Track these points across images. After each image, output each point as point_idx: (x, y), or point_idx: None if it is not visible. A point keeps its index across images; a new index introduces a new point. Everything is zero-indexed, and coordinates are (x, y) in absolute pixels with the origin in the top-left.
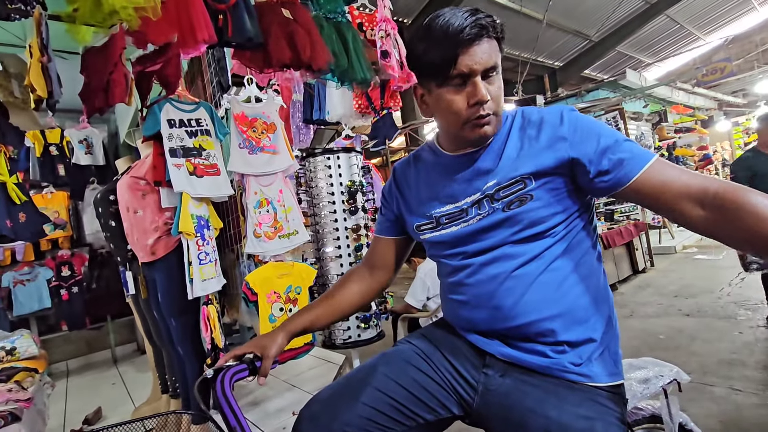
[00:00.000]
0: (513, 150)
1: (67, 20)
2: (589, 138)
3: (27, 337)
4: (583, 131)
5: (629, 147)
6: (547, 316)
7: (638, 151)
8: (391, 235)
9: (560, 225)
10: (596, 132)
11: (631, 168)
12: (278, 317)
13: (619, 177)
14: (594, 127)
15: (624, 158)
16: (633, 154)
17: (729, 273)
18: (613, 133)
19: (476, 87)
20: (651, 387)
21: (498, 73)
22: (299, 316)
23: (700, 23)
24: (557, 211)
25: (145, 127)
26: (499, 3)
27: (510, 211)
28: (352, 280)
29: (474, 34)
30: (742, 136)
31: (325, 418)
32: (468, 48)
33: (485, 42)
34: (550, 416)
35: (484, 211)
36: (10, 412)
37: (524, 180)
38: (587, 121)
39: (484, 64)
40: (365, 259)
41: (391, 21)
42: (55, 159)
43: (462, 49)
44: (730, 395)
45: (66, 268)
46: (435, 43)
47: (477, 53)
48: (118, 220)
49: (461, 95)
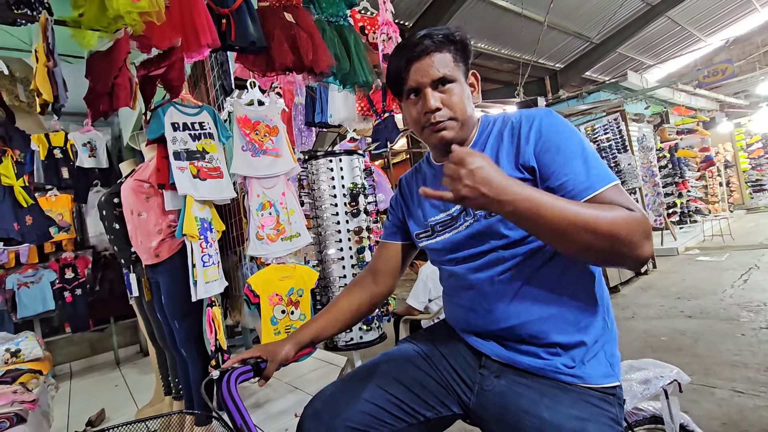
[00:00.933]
0: (490, 155)
1: (72, 25)
2: (548, 150)
3: (31, 339)
4: (546, 141)
5: (580, 171)
6: (537, 319)
7: (584, 179)
8: (397, 240)
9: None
10: (556, 145)
11: (572, 197)
12: (280, 319)
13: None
14: (557, 138)
15: (565, 183)
16: (577, 183)
17: (731, 275)
18: (572, 151)
19: (424, 98)
20: (651, 388)
21: (454, 81)
22: (307, 327)
23: (702, 25)
24: None
25: (149, 130)
26: (500, 5)
27: (491, 218)
28: (357, 289)
29: (420, 51)
30: (744, 138)
31: (327, 415)
32: (414, 64)
33: (433, 56)
34: (544, 417)
35: (469, 218)
36: (15, 414)
37: None
38: (555, 130)
39: (431, 77)
40: (369, 266)
41: (392, 24)
42: (59, 162)
43: (410, 66)
44: (733, 397)
45: (69, 271)
46: (392, 65)
47: (423, 67)
48: (122, 222)
49: (417, 107)
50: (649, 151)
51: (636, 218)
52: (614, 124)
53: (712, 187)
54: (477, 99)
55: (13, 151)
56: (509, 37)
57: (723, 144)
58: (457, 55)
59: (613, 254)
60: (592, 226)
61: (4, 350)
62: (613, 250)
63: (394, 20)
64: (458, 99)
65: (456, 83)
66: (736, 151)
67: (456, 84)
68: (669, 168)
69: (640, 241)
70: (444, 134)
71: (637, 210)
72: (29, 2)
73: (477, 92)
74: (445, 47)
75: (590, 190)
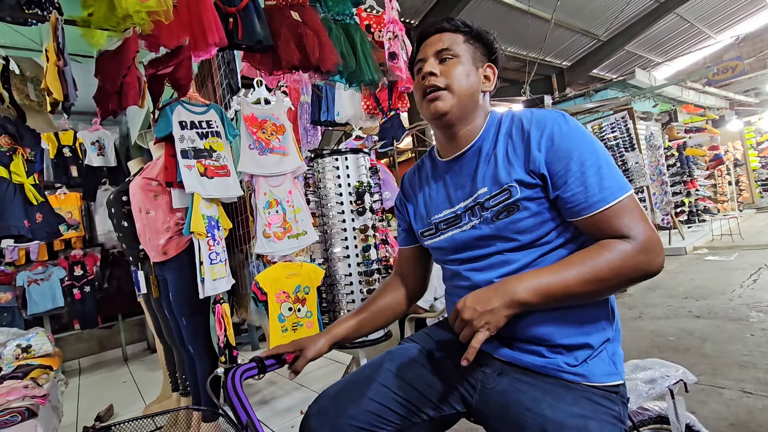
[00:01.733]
0: (500, 155)
1: (82, 25)
2: (561, 159)
3: (42, 335)
4: (558, 149)
5: (592, 183)
6: (542, 321)
7: (596, 191)
8: (411, 245)
9: (552, 233)
10: (568, 154)
11: (581, 209)
12: (287, 317)
13: (570, 212)
14: (570, 147)
15: (577, 194)
16: (588, 195)
17: (740, 274)
18: (586, 159)
19: (424, 62)
20: (657, 387)
21: (457, 57)
22: (343, 323)
23: (711, 21)
24: (546, 219)
25: (157, 128)
26: (506, 3)
27: (498, 221)
28: (391, 289)
29: (433, 30)
30: (754, 136)
31: (332, 413)
32: (426, 40)
33: (444, 35)
34: (546, 415)
35: (475, 219)
36: (27, 408)
37: (510, 189)
38: (567, 138)
39: (435, 48)
40: (395, 271)
41: (398, 22)
42: (68, 160)
43: (421, 43)
44: (741, 398)
45: (78, 268)
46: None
47: (431, 42)
48: (131, 220)
49: (419, 75)
50: (657, 149)
51: (636, 248)
52: (622, 122)
53: (721, 186)
54: (488, 88)
55: (24, 149)
56: (515, 35)
57: (732, 142)
58: (470, 39)
59: (629, 283)
60: (598, 278)
61: (15, 346)
62: (628, 281)
63: (400, 18)
64: (458, 73)
65: (460, 59)
66: (745, 150)
67: (459, 59)
68: (677, 166)
69: (648, 263)
70: (437, 105)
71: (639, 232)
72: (40, 2)
73: (491, 84)
74: (459, 30)
75: (602, 203)
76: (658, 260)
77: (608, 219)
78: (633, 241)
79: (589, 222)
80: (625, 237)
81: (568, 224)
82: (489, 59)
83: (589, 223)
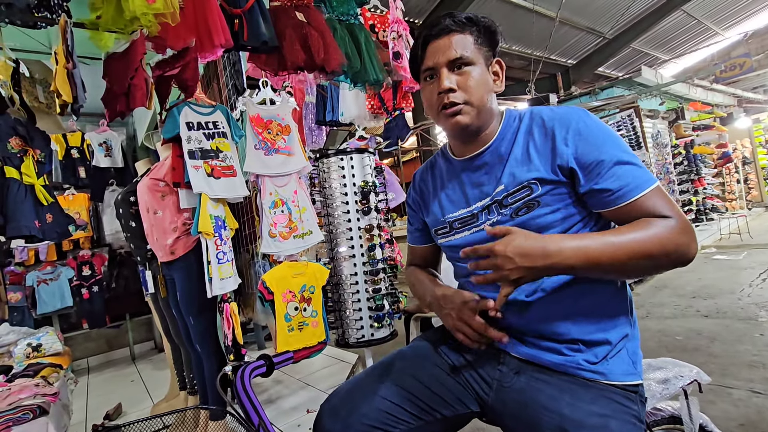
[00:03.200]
0: (519, 153)
1: (90, 27)
2: (591, 153)
3: (52, 334)
4: (587, 144)
5: (624, 173)
6: (560, 318)
7: (629, 180)
8: (423, 244)
9: (571, 230)
10: (598, 148)
11: (615, 198)
12: (293, 316)
13: (603, 203)
14: (598, 141)
15: (610, 185)
16: (622, 185)
17: (749, 273)
18: (615, 152)
19: (439, 78)
20: (671, 387)
21: (471, 64)
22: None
23: (718, 18)
24: (566, 216)
25: (165, 129)
26: (511, 1)
27: (518, 218)
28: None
29: (438, 30)
30: (763, 134)
31: (344, 411)
32: (432, 43)
33: (452, 37)
34: (564, 413)
35: (493, 216)
36: (38, 406)
37: (530, 186)
38: (595, 130)
39: (447, 56)
40: (409, 262)
41: (403, 22)
42: (77, 162)
43: (428, 46)
44: (751, 398)
45: (87, 268)
46: (414, 46)
47: (440, 47)
48: (138, 220)
49: (433, 86)
50: (664, 147)
51: (677, 227)
52: (628, 120)
53: (729, 184)
54: (499, 88)
55: (34, 150)
56: (520, 33)
57: (741, 140)
58: (479, 38)
59: (668, 265)
60: (645, 251)
61: (26, 345)
62: (668, 262)
63: (405, 18)
64: (475, 83)
65: (475, 66)
66: (754, 147)
67: (474, 67)
68: (684, 165)
69: (687, 245)
70: (459, 119)
71: (675, 215)
72: (49, 6)
73: (500, 81)
74: (467, 29)
75: (635, 191)
76: (695, 246)
77: (642, 206)
78: (674, 221)
79: (623, 211)
80: (665, 217)
81: (589, 219)
82: (494, 53)
83: (622, 212)
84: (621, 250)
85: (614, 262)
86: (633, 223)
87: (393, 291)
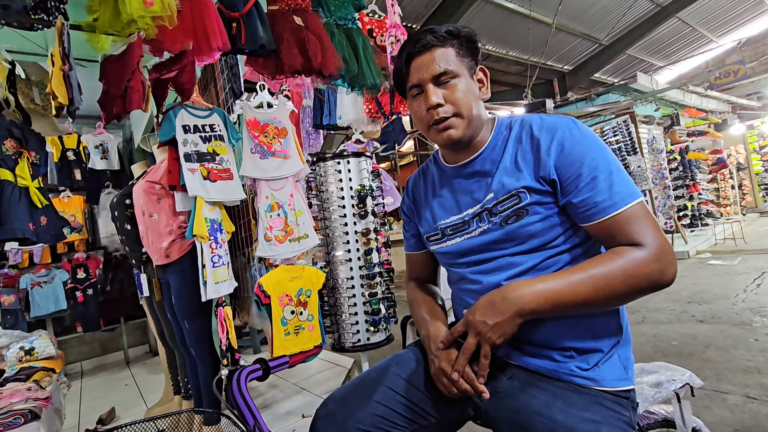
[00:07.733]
0: (509, 161)
1: (87, 29)
2: (571, 164)
3: (45, 337)
4: (568, 155)
5: (603, 188)
6: (553, 326)
7: (606, 196)
8: (419, 250)
9: (561, 237)
10: (579, 160)
11: (591, 214)
12: (290, 320)
13: (579, 217)
14: (580, 153)
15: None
16: (598, 201)
17: (744, 279)
18: (597, 165)
19: (426, 94)
20: (663, 391)
21: (456, 77)
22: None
23: (713, 26)
24: (555, 223)
25: (161, 132)
26: (507, 7)
27: (507, 226)
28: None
29: (420, 46)
30: (757, 140)
31: (339, 416)
32: (416, 59)
33: (435, 51)
34: (557, 419)
35: (484, 224)
36: (29, 410)
37: (519, 194)
38: (579, 142)
39: (432, 72)
40: (408, 276)
41: (400, 27)
42: (72, 164)
43: (411, 63)
44: (746, 403)
45: (81, 271)
46: (396, 62)
47: (424, 63)
48: (134, 223)
49: (420, 102)
50: (660, 153)
51: (649, 256)
52: (623, 126)
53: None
54: (486, 95)
55: (29, 152)
56: (517, 39)
57: (735, 146)
58: (461, 49)
59: (642, 293)
60: (609, 287)
61: (18, 348)
62: (640, 291)
63: (402, 23)
64: (462, 95)
65: (459, 78)
66: (748, 154)
67: (459, 79)
68: (679, 170)
69: (660, 271)
70: (450, 133)
71: (651, 239)
72: (46, 7)
73: (486, 89)
74: (447, 42)
75: (612, 208)
76: (671, 270)
77: (619, 225)
78: (646, 249)
79: (601, 227)
80: (637, 244)
81: (577, 229)
82: (476, 61)
83: (600, 228)
84: (583, 287)
85: (577, 300)
86: (599, 256)
87: (389, 295)
